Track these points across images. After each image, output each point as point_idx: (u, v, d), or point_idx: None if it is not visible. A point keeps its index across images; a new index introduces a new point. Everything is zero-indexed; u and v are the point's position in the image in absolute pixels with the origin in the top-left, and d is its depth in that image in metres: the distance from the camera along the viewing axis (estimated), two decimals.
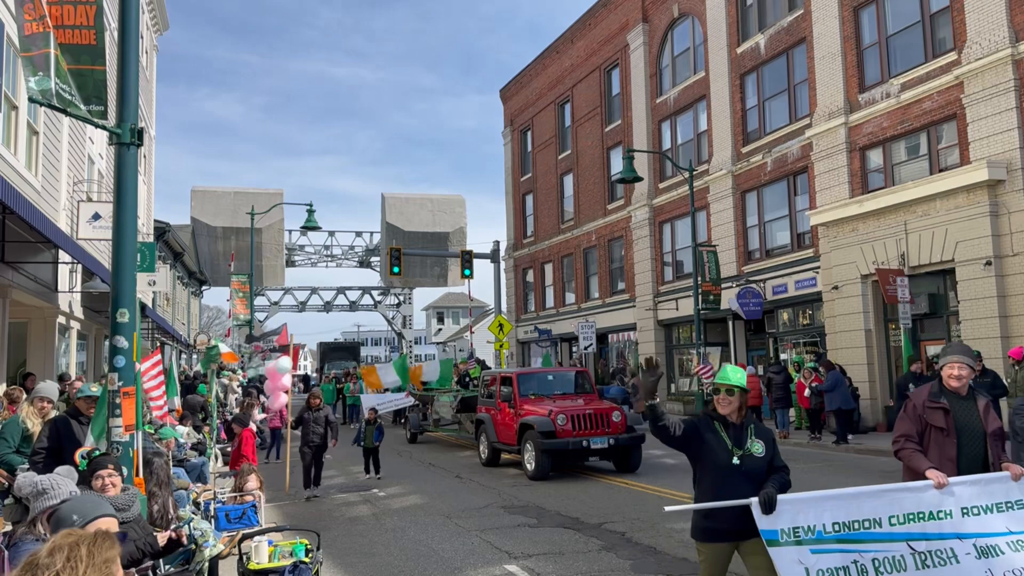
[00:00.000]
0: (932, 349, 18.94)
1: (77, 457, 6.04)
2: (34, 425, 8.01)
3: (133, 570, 5.01)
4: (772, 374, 20.07)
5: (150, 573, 5.31)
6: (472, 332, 39.57)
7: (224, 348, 16.12)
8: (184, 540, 5.40)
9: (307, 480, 13.15)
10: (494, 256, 32.63)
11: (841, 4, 21.44)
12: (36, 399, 8.35)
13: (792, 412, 20.22)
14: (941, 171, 18.60)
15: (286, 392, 14.18)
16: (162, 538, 5.19)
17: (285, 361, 14.15)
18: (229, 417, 17.68)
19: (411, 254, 39.63)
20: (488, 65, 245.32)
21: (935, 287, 18.95)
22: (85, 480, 5.39)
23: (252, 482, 9.81)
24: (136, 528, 5.14)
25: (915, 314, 18.07)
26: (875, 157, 20.78)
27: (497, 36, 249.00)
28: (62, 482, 4.90)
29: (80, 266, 16.36)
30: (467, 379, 23.25)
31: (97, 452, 5.90)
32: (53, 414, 8.23)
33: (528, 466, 14.68)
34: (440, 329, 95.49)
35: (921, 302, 18.79)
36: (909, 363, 15.89)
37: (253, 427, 15.13)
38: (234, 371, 24.19)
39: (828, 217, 20.81)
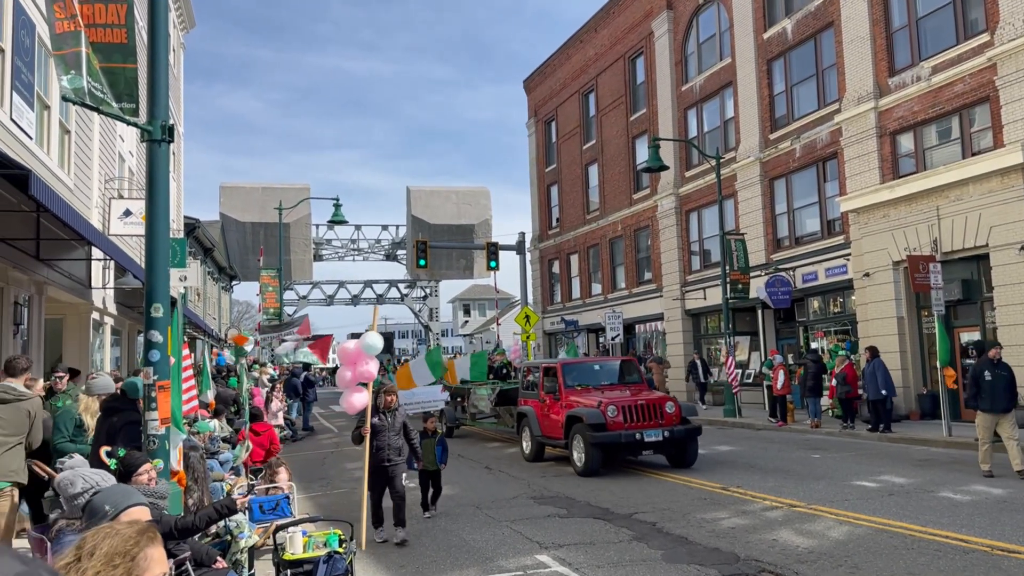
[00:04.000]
0: (966, 336, 18.66)
1: (103, 455, 6.14)
2: (92, 417, 8.19)
3: (170, 562, 5.09)
4: (810, 361, 19.93)
5: (188, 565, 5.39)
6: (499, 324, 39.61)
7: (246, 336, 15.88)
8: (242, 505, 5.66)
9: (377, 516, 9.54)
10: (520, 248, 32.62)
11: None
12: (97, 396, 8.46)
13: (824, 401, 20.03)
14: (974, 155, 18.27)
15: (368, 384, 9.48)
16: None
17: (374, 338, 9.27)
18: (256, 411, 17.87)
19: (437, 247, 39.73)
20: (500, 55, 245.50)
21: (969, 273, 18.64)
22: (124, 479, 5.48)
23: (282, 474, 9.91)
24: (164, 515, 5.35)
25: (948, 300, 17.78)
26: (906, 142, 20.46)
27: (507, 26, 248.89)
28: (101, 477, 4.98)
29: (113, 262, 16.61)
30: (504, 371, 22.61)
31: (122, 451, 6.00)
32: None
33: (576, 461, 13.70)
34: (467, 321, 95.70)
35: (954, 288, 18.50)
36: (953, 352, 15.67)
37: (274, 422, 15.21)
38: (264, 365, 24.41)
39: (859, 203, 20.54)
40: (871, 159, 20.94)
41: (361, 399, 9.27)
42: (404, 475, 9.43)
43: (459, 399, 22.03)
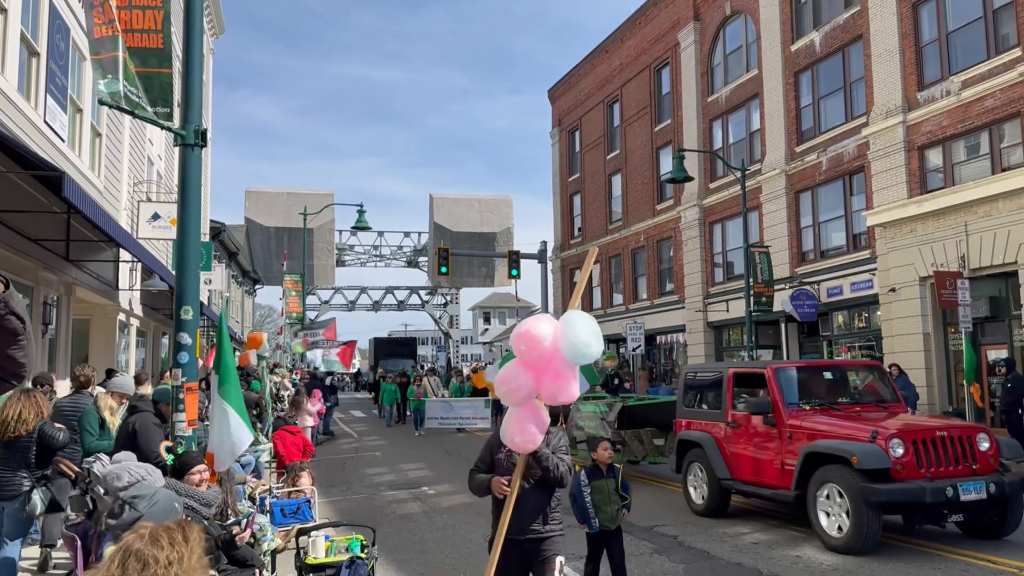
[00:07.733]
0: (993, 353, 18.41)
1: (163, 451, 6.21)
2: (112, 415, 8.30)
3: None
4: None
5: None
6: None
7: (298, 345, 15.85)
8: (242, 540, 5.52)
9: None
10: (541, 257, 32.63)
11: (899, 0, 20.96)
12: (114, 393, 8.63)
13: None
14: (1004, 170, 18.06)
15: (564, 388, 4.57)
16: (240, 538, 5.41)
17: (590, 335, 4.30)
18: (281, 413, 17.98)
19: (459, 254, 39.80)
20: (521, 66, 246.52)
21: (997, 290, 18.40)
22: (178, 476, 5.52)
23: (305, 479, 9.93)
24: (213, 524, 5.34)
25: (976, 317, 17.55)
26: (934, 156, 20.27)
27: (530, 37, 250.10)
28: (147, 471, 5.04)
29: (140, 264, 16.79)
30: (616, 380, 18.28)
31: (181, 448, 6.06)
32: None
33: (827, 527, 8.66)
34: (487, 329, 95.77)
35: (982, 305, 18.27)
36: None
37: (306, 427, 15.24)
38: (289, 369, 24.48)
39: (885, 218, 20.36)
40: (898, 173, 20.75)
41: (534, 434, 4.80)
42: (560, 560, 5.33)
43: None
